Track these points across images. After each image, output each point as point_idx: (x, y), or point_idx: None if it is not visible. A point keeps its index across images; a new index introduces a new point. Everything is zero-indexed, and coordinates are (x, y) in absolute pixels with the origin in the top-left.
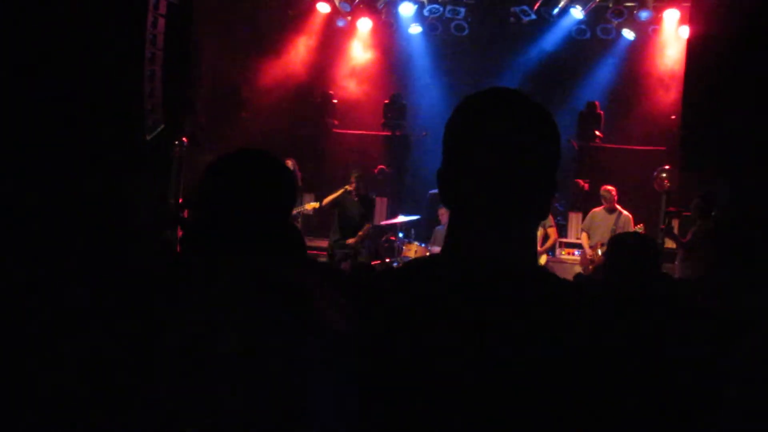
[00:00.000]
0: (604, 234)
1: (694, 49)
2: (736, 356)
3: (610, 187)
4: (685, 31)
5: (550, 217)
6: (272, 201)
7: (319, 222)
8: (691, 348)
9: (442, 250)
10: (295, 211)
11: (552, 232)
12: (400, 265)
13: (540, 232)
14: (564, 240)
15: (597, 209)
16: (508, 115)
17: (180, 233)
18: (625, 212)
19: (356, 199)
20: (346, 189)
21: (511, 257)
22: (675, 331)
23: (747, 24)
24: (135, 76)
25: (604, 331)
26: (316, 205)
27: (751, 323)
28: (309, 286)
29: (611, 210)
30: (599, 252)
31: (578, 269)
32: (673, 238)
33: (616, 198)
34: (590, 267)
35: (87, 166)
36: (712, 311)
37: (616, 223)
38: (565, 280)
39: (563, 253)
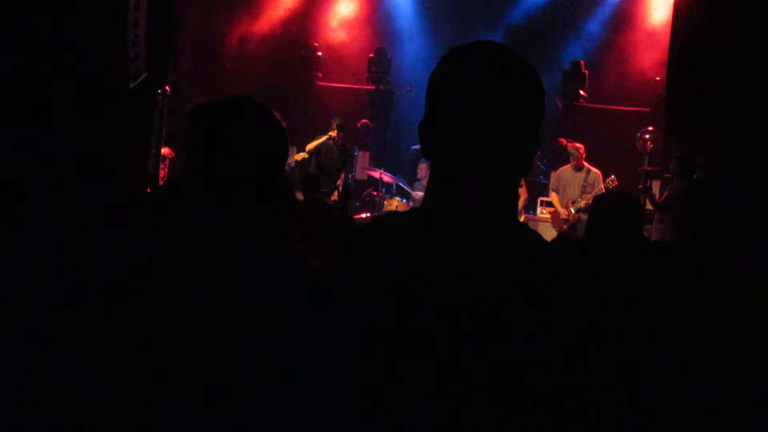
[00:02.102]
0: (574, 192)
1: (680, 10)
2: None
3: (578, 145)
4: None
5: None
6: (264, 150)
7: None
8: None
9: (422, 204)
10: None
11: (522, 191)
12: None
13: None
14: (545, 199)
15: (564, 167)
16: (492, 69)
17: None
18: (594, 169)
19: (335, 148)
20: (330, 135)
21: (492, 212)
22: (651, 292)
23: None
24: (119, 23)
25: (582, 290)
26: (305, 155)
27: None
28: (293, 235)
29: (579, 167)
30: (572, 210)
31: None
32: (650, 197)
33: (584, 155)
34: (564, 226)
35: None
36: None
37: (585, 180)
38: (539, 237)
39: (544, 212)
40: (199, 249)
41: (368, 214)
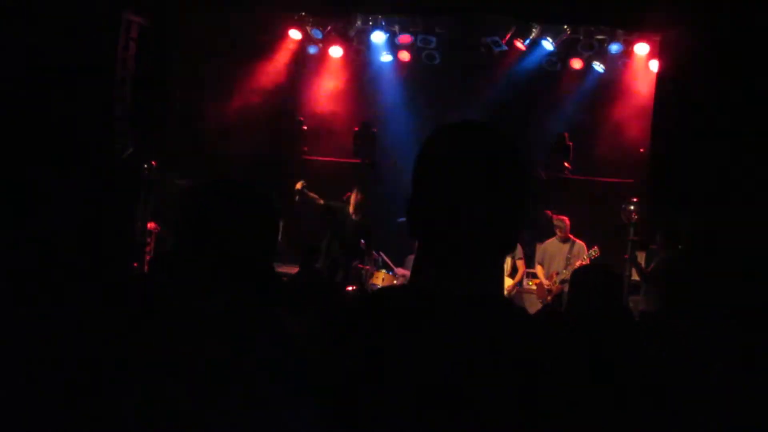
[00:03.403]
0: (559, 263)
1: (663, 82)
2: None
3: (563, 217)
4: (654, 65)
5: (520, 249)
6: (253, 230)
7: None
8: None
9: (409, 281)
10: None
11: (520, 264)
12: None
13: (509, 263)
14: (531, 270)
15: (549, 240)
16: (475, 150)
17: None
18: (578, 241)
19: (354, 217)
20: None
21: (476, 290)
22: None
23: (714, 58)
24: (105, 98)
25: (559, 362)
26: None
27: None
28: (281, 311)
29: (565, 239)
30: (556, 281)
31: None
32: (637, 267)
33: (569, 228)
34: (548, 298)
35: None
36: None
37: (570, 252)
38: (525, 312)
39: (530, 283)
40: (184, 339)
41: (353, 287)
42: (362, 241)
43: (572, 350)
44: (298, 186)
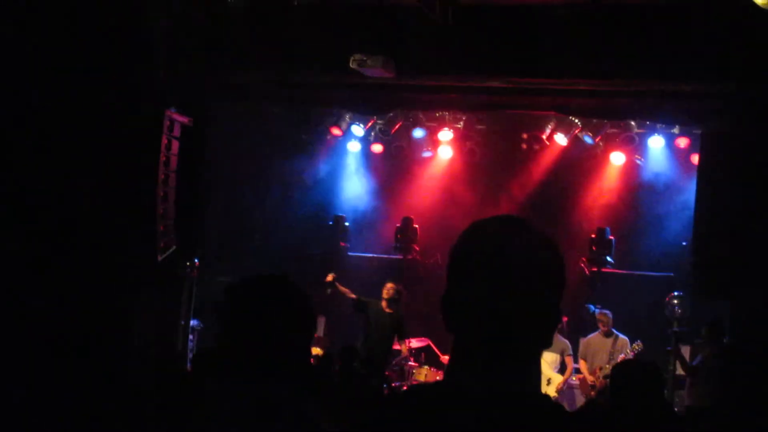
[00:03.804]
0: (602, 358)
1: (704, 175)
2: None
3: (606, 311)
4: (695, 158)
5: (569, 345)
6: (289, 329)
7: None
8: None
9: (443, 378)
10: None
11: (569, 360)
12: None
13: (557, 360)
14: (576, 366)
15: (593, 335)
16: (511, 246)
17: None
18: (621, 336)
19: (389, 311)
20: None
21: (512, 387)
22: None
23: (755, 153)
24: (148, 197)
25: None
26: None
27: None
28: (314, 415)
29: (608, 334)
30: (600, 376)
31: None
32: (681, 361)
33: (612, 322)
34: (592, 393)
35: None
36: None
37: (613, 347)
38: (561, 409)
39: (573, 378)
40: None
41: (395, 384)
42: (396, 336)
43: None
44: (329, 278)
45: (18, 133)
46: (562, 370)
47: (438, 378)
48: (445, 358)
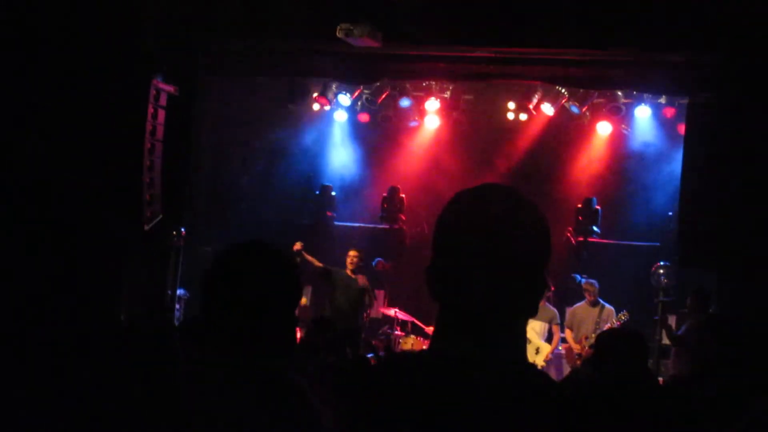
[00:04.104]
0: (588, 327)
1: (691, 145)
2: None
3: (592, 281)
4: (682, 128)
5: (556, 314)
6: (276, 297)
7: None
8: None
9: (428, 346)
10: None
11: (556, 329)
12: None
13: (545, 329)
14: (561, 335)
15: (579, 304)
16: (495, 212)
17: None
18: (607, 305)
19: (353, 276)
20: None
21: (496, 354)
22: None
23: (741, 123)
24: (135, 166)
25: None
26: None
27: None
28: (303, 384)
29: (594, 303)
30: (585, 345)
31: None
32: (667, 331)
33: (598, 291)
34: (578, 362)
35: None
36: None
37: (599, 316)
38: (546, 377)
39: (559, 347)
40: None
41: (382, 353)
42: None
43: (589, 415)
44: (296, 247)
45: (2, 103)
46: (549, 339)
47: (424, 347)
48: (430, 329)
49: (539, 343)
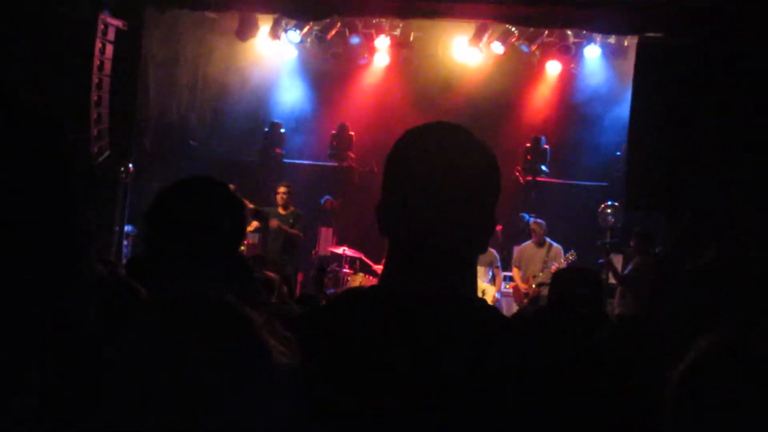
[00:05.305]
0: (536, 267)
1: (640, 86)
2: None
3: (539, 220)
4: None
5: (497, 257)
6: (217, 228)
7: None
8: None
9: (380, 282)
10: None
11: (497, 272)
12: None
13: (486, 271)
14: (507, 273)
15: (526, 243)
16: (444, 152)
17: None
18: (555, 244)
19: (284, 212)
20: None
21: (445, 290)
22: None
23: (689, 63)
24: (82, 102)
25: (535, 366)
26: (251, 228)
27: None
28: (254, 316)
29: (541, 243)
30: (533, 285)
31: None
32: (613, 270)
33: (545, 231)
34: (524, 300)
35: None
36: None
37: (547, 255)
38: (497, 312)
39: (506, 286)
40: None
41: (331, 291)
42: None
43: (543, 354)
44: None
45: None
46: (492, 282)
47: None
48: (378, 268)
49: (483, 285)
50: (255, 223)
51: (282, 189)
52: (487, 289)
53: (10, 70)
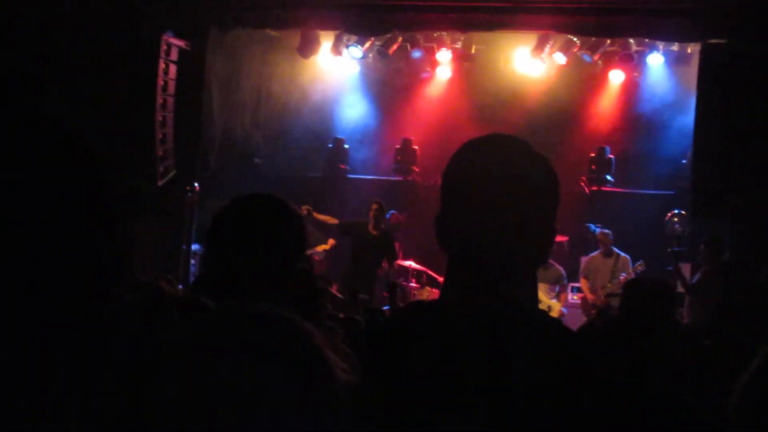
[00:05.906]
0: (604, 277)
1: (705, 93)
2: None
3: (606, 231)
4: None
5: (564, 275)
6: (276, 243)
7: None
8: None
9: (439, 296)
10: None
11: (564, 289)
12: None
13: (553, 288)
14: (576, 285)
15: (594, 254)
16: (503, 164)
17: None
18: (623, 254)
19: (375, 233)
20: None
21: (510, 303)
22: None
23: (754, 69)
24: (147, 122)
25: (588, 369)
26: (327, 246)
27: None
28: (315, 332)
29: (609, 253)
30: (601, 296)
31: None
32: (681, 279)
33: (612, 241)
34: (593, 311)
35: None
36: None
37: (615, 266)
38: (560, 324)
39: (574, 297)
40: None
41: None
42: (384, 260)
43: (607, 366)
44: (303, 211)
45: (15, 59)
46: (557, 298)
47: None
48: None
49: (549, 301)
50: (332, 241)
51: (374, 206)
52: (553, 305)
53: (77, 92)
